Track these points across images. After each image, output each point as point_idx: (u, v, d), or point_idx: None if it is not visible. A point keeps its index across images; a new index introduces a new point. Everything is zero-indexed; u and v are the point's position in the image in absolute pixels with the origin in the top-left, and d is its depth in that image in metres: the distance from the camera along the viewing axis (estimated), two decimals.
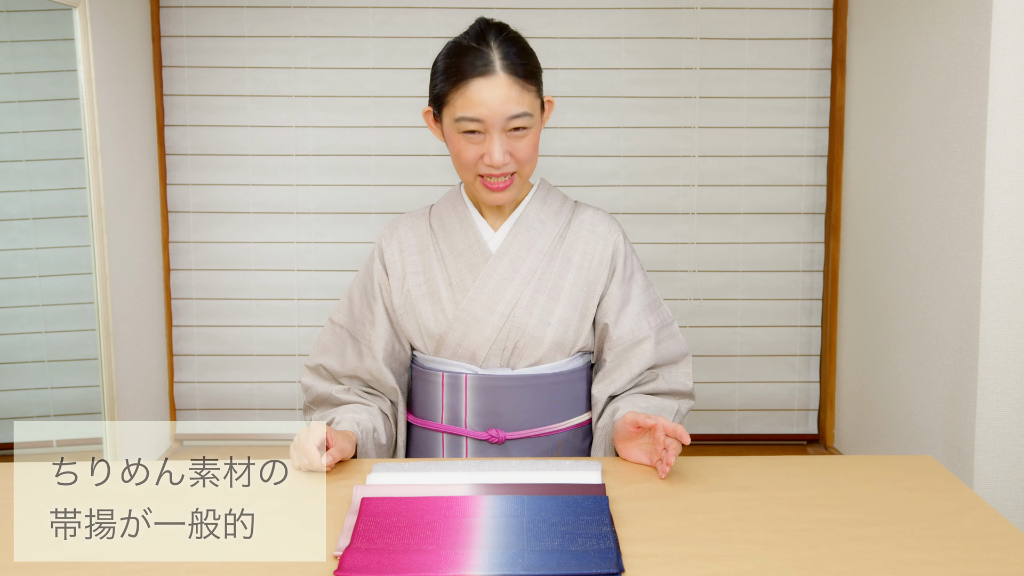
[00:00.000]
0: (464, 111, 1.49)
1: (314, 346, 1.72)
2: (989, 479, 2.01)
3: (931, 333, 2.24)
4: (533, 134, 1.53)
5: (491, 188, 1.55)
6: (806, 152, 2.97)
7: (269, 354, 3.05)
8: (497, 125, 1.49)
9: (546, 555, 1.07)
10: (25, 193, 2.40)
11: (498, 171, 1.52)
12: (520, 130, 1.51)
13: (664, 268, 3.01)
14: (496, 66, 1.48)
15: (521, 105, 1.49)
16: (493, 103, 1.47)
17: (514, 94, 1.48)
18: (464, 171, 1.56)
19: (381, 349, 1.64)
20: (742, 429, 3.09)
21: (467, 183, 1.59)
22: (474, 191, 1.58)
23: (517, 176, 1.56)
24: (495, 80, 1.48)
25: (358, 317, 1.67)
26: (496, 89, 1.48)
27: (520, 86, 1.49)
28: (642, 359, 1.62)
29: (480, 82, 1.48)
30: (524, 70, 1.51)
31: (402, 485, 1.26)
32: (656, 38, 2.93)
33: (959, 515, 1.20)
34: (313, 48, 2.94)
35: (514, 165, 1.53)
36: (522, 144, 1.52)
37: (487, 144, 1.50)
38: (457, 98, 1.50)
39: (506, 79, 1.48)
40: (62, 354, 2.48)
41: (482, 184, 1.55)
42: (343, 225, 3.00)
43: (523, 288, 1.60)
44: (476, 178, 1.55)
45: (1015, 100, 1.94)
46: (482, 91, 1.48)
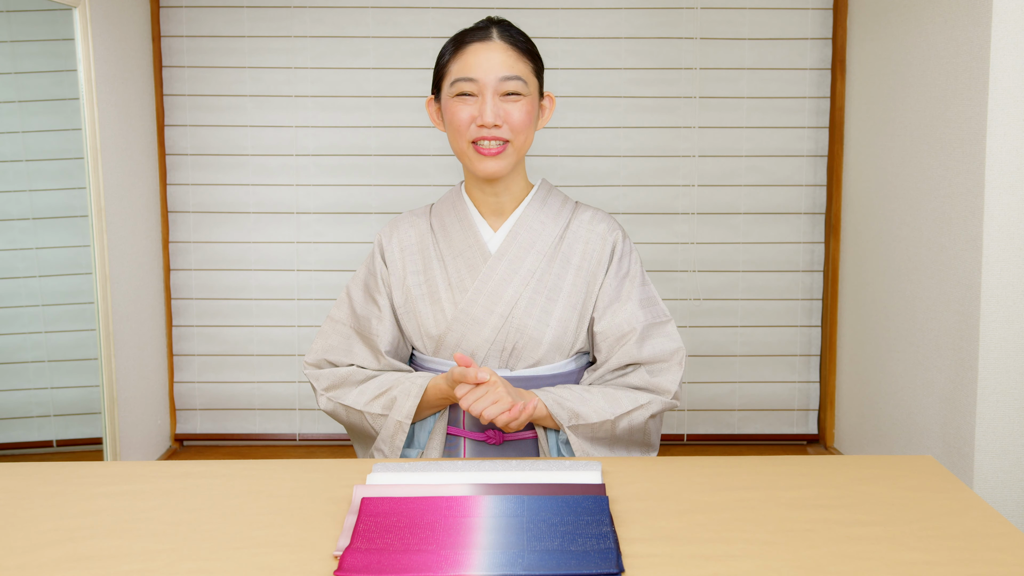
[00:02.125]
0: (460, 73, 1.54)
1: (313, 346, 1.69)
2: (989, 479, 2.01)
3: (931, 333, 2.24)
4: (527, 103, 1.55)
5: (483, 153, 1.55)
6: (806, 152, 2.97)
7: (269, 354, 3.05)
8: (490, 86, 1.52)
9: (546, 555, 1.07)
10: (25, 193, 2.40)
11: (490, 133, 1.53)
12: (514, 95, 1.54)
13: (664, 268, 3.01)
14: (494, 34, 1.55)
15: (515, 70, 1.54)
16: (487, 64, 1.52)
17: (510, 59, 1.54)
18: (457, 137, 1.57)
19: (388, 343, 1.64)
20: (742, 429, 3.09)
21: (460, 153, 1.58)
22: (467, 161, 1.58)
23: (510, 145, 1.56)
24: (491, 44, 1.54)
25: (362, 313, 1.66)
26: (491, 52, 1.53)
27: (516, 55, 1.55)
28: (623, 355, 1.60)
29: (477, 45, 1.54)
30: (522, 45, 1.57)
31: (402, 485, 1.26)
32: (656, 38, 2.93)
33: (959, 515, 1.20)
34: (313, 48, 2.94)
35: (507, 131, 1.54)
36: (515, 108, 1.54)
37: (479, 105, 1.53)
38: (454, 64, 1.55)
39: (502, 45, 1.54)
40: (62, 354, 2.48)
41: (474, 150, 1.55)
42: (343, 225, 3.00)
43: (522, 289, 1.60)
44: (469, 145, 1.56)
45: (1015, 100, 1.94)
46: (478, 53, 1.53)
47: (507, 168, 1.57)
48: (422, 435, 1.62)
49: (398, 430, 1.56)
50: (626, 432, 1.58)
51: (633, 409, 1.57)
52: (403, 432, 1.56)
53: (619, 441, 1.58)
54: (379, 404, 1.58)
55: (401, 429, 1.56)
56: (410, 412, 1.55)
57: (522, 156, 1.60)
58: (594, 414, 1.53)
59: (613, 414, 1.54)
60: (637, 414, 1.57)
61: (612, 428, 1.55)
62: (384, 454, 1.59)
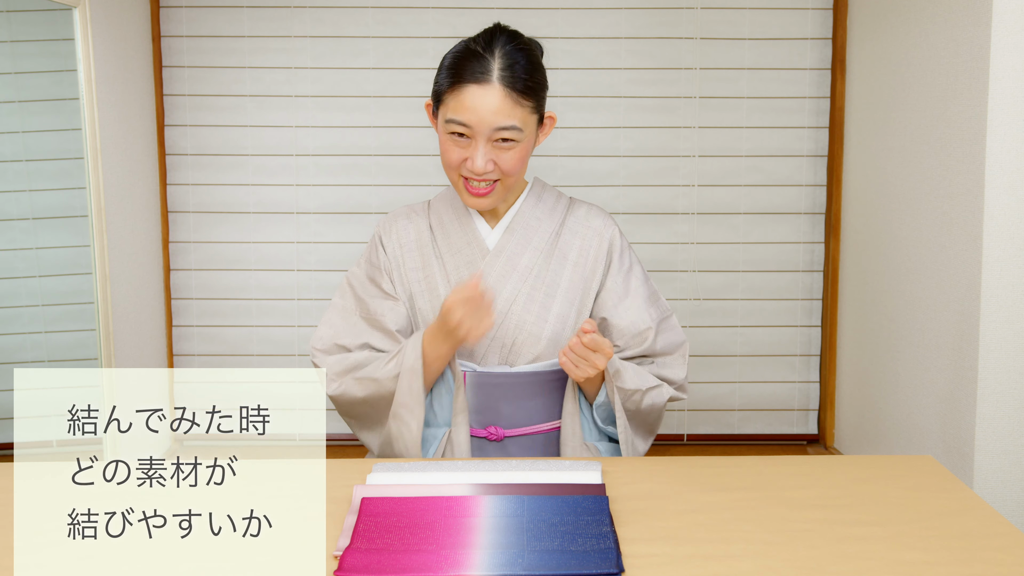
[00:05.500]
0: (454, 114, 1.50)
1: (319, 332, 1.65)
2: (989, 479, 2.01)
3: (931, 333, 2.24)
4: (521, 148, 1.52)
5: (471, 192, 1.56)
6: (806, 152, 2.97)
7: (269, 354, 3.05)
8: (483, 134, 1.49)
9: (546, 555, 1.07)
10: (25, 193, 2.40)
11: (479, 177, 1.53)
12: (507, 141, 1.51)
13: (664, 268, 3.01)
14: (493, 76, 1.48)
15: (511, 118, 1.49)
16: (482, 111, 1.47)
17: (506, 106, 1.48)
18: (448, 170, 1.57)
19: (399, 324, 1.63)
20: (742, 429, 3.09)
21: (452, 181, 1.59)
22: (458, 191, 1.59)
23: (500, 184, 1.56)
24: (488, 89, 1.48)
25: (368, 301, 1.64)
26: (488, 98, 1.47)
27: (514, 100, 1.49)
28: (639, 349, 1.63)
29: (474, 89, 1.48)
30: (522, 84, 1.50)
31: (402, 485, 1.26)
32: (656, 38, 2.93)
33: (959, 515, 1.20)
34: (313, 48, 2.94)
35: (497, 173, 1.54)
36: (507, 156, 1.52)
37: (471, 150, 1.51)
38: (451, 99, 1.51)
39: (500, 90, 1.48)
40: (62, 354, 2.48)
41: (464, 186, 1.56)
42: (343, 225, 3.00)
43: (520, 285, 1.61)
44: (459, 178, 1.57)
45: (1015, 100, 1.94)
46: (474, 97, 1.48)
47: (495, 203, 1.59)
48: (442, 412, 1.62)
49: (413, 376, 1.53)
50: (648, 409, 1.60)
51: (656, 386, 1.59)
52: (418, 377, 1.53)
53: (639, 417, 1.60)
54: (392, 365, 1.56)
55: (415, 374, 1.53)
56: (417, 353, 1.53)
57: (511, 188, 1.60)
58: (630, 380, 1.56)
59: (644, 385, 1.57)
60: (658, 392, 1.59)
61: (639, 401, 1.58)
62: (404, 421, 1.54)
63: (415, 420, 1.54)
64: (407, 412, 1.55)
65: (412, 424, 1.54)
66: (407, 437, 1.55)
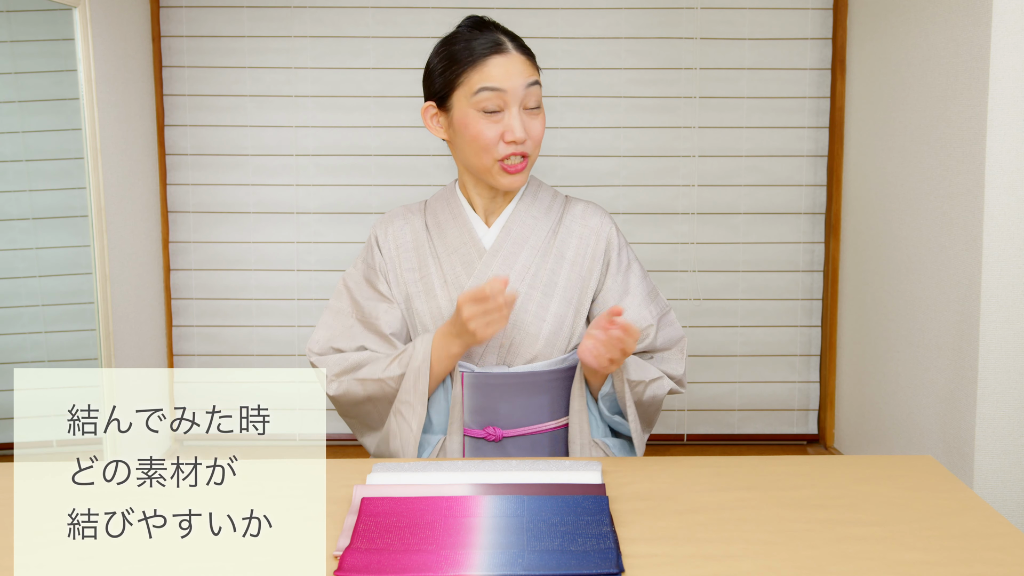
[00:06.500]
0: (484, 82, 1.52)
1: (316, 335, 1.65)
2: (989, 479, 2.01)
3: (931, 333, 2.24)
4: (543, 116, 1.58)
5: (509, 170, 1.56)
6: (806, 152, 2.97)
7: (269, 354, 3.05)
8: (517, 97, 1.53)
9: (546, 555, 1.07)
10: (25, 193, 2.40)
11: (518, 149, 1.54)
12: (534, 110, 1.56)
13: (664, 268, 3.01)
14: (509, 46, 1.54)
15: (535, 75, 1.56)
16: (512, 72, 1.52)
17: (528, 68, 1.55)
18: (482, 155, 1.55)
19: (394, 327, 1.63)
20: (742, 429, 3.09)
21: (483, 170, 1.57)
22: (490, 177, 1.57)
23: (528, 159, 1.58)
24: (511, 57, 1.53)
25: (364, 303, 1.63)
26: (513, 64, 1.53)
27: (532, 65, 1.56)
28: (642, 346, 1.64)
29: (497, 59, 1.52)
30: (532, 56, 1.58)
31: (402, 485, 1.26)
32: (656, 38, 2.93)
33: (959, 515, 1.20)
34: (313, 48, 2.94)
35: (530, 146, 1.56)
36: (536, 123, 1.56)
37: (507, 120, 1.53)
38: (474, 75, 1.53)
39: (520, 57, 1.54)
40: (62, 354, 2.48)
41: (501, 168, 1.55)
42: (343, 225, 3.00)
43: (518, 285, 1.61)
44: (495, 163, 1.55)
45: (1015, 100, 1.94)
46: (498, 66, 1.52)
47: (525, 181, 1.61)
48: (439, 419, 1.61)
49: (419, 375, 1.53)
50: (649, 401, 1.60)
51: (658, 378, 1.60)
52: (424, 375, 1.53)
53: (641, 408, 1.61)
54: (396, 366, 1.56)
55: (421, 374, 1.53)
56: (426, 352, 1.54)
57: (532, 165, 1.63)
58: (634, 372, 1.56)
59: (647, 376, 1.58)
60: (659, 384, 1.60)
61: (642, 392, 1.58)
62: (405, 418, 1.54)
63: (416, 418, 1.54)
64: (409, 409, 1.55)
65: (412, 422, 1.54)
66: (406, 434, 1.55)
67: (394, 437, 1.56)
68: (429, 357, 1.54)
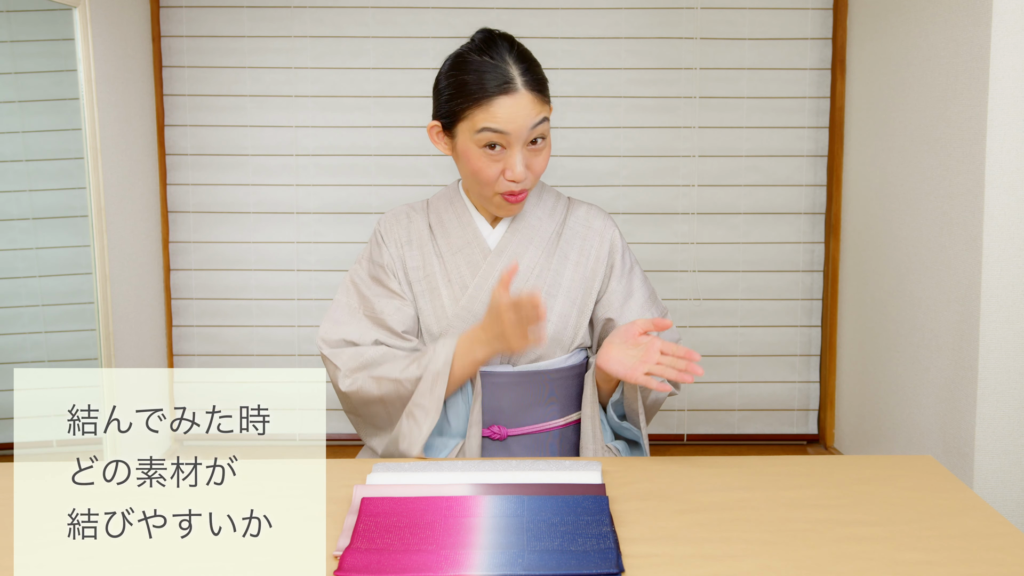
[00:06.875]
0: (488, 123, 1.49)
1: (325, 326, 1.64)
2: (989, 479, 2.01)
3: (931, 333, 2.24)
4: (548, 146, 1.56)
5: (508, 201, 1.56)
6: (806, 152, 2.97)
7: (269, 354, 3.05)
8: (521, 138, 1.50)
9: (546, 555, 1.07)
10: (25, 193, 2.40)
11: (518, 186, 1.54)
12: (537, 143, 1.53)
13: (664, 268, 3.01)
14: (518, 83, 1.50)
15: (541, 113, 1.52)
16: (518, 118, 1.49)
17: (536, 108, 1.51)
18: (483, 188, 1.56)
19: (403, 323, 1.62)
20: (742, 429, 3.09)
21: (484, 199, 1.58)
22: (489, 204, 1.59)
23: (528, 191, 1.59)
24: (518, 98, 1.49)
25: (372, 298, 1.63)
26: (520, 107, 1.49)
27: (539, 100, 1.52)
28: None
29: (504, 100, 1.49)
30: (542, 85, 1.54)
31: (402, 485, 1.26)
32: (656, 38, 2.93)
33: (959, 515, 1.20)
34: (313, 48, 2.94)
35: (530, 181, 1.55)
36: (539, 159, 1.55)
37: (508, 159, 1.51)
38: (479, 112, 1.50)
39: (528, 96, 1.50)
40: (62, 354, 2.48)
41: (502, 199, 1.56)
42: (343, 225, 3.00)
43: (522, 285, 1.61)
44: (495, 195, 1.56)
45: (1015, 100, 1.94)
46: (506, 108, 1.49)
47: (523, 208, 1.63)
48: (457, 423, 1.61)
49: (437, 380, 1.52)
50: (652, 403, 1.63)
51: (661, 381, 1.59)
52: (443, 381, 1.52)
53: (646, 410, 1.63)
54: (415, 368, 1.55)
55: (440, 378, 1.52)
56: (448, 357, 1.52)
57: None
58: None
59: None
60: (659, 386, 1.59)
61: (647, 395, 1.60)
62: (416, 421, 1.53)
63: (428, 422, 1.53)
64: (422, 413, 1.53)
65: (424, 426, 1.53)
66: (415, 436, 1.53)
67: (403, 439, 1.55)
68: (450, 363, 1.53)
